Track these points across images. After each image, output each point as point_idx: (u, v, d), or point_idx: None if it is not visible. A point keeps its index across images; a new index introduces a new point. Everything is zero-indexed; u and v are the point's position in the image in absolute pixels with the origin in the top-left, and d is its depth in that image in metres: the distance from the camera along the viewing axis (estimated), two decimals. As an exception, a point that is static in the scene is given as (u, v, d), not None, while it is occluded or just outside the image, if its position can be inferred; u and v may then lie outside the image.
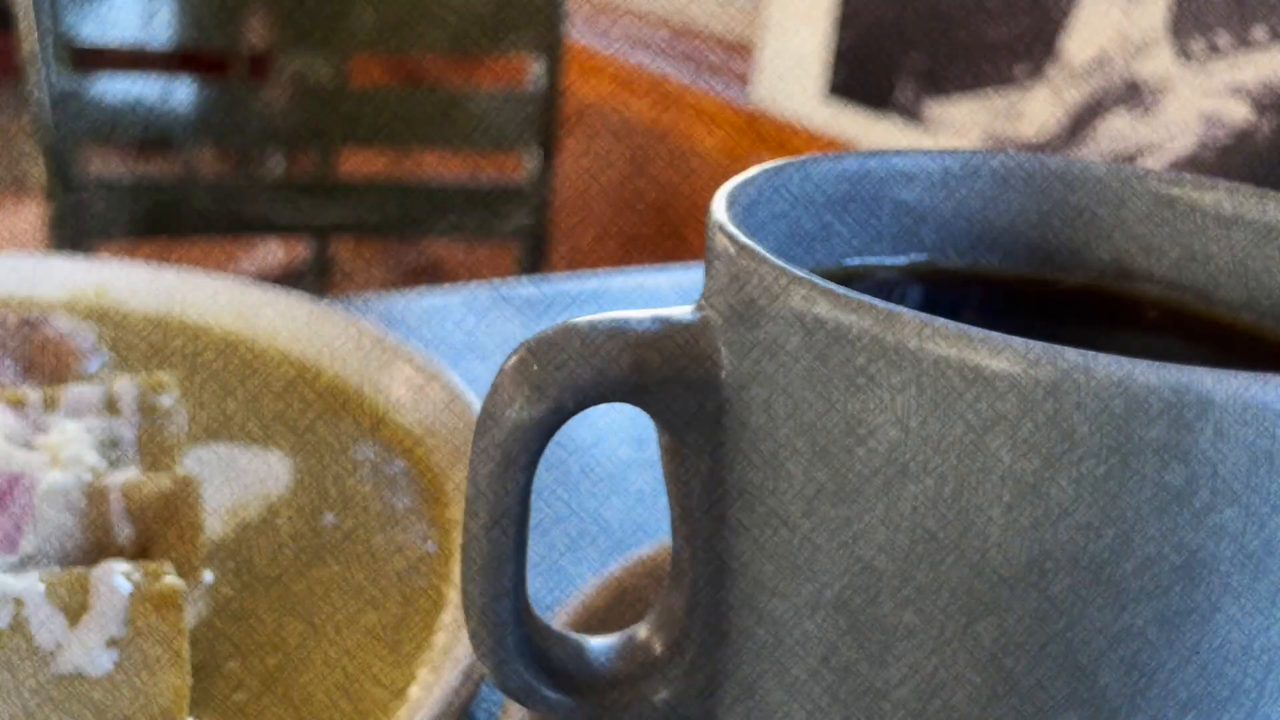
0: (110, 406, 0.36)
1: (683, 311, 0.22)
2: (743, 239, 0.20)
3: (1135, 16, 0.79)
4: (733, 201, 0.23)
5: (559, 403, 0.21)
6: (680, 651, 0.23)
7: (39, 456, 0.30)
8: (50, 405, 0.36)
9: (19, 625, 0.26)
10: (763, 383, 0.20)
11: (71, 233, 1.15)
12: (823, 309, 0.18)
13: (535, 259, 1.23)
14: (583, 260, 1.51)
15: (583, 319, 0.22)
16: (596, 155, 1.48)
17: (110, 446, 0.35)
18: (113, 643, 0.26)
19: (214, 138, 1.22)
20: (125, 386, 0.37)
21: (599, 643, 0.24)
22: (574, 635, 0.24)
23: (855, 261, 0.26)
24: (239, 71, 1.47)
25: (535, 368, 0.21)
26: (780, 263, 0.19)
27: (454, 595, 0.32)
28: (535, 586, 0.38)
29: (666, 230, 1.38)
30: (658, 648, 0.24)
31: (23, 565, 0.29)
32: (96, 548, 0.31)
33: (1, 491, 0.28)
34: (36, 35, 1.07)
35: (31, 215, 1.88)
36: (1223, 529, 0.16)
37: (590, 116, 1.47)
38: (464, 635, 0.29)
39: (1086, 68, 0.82)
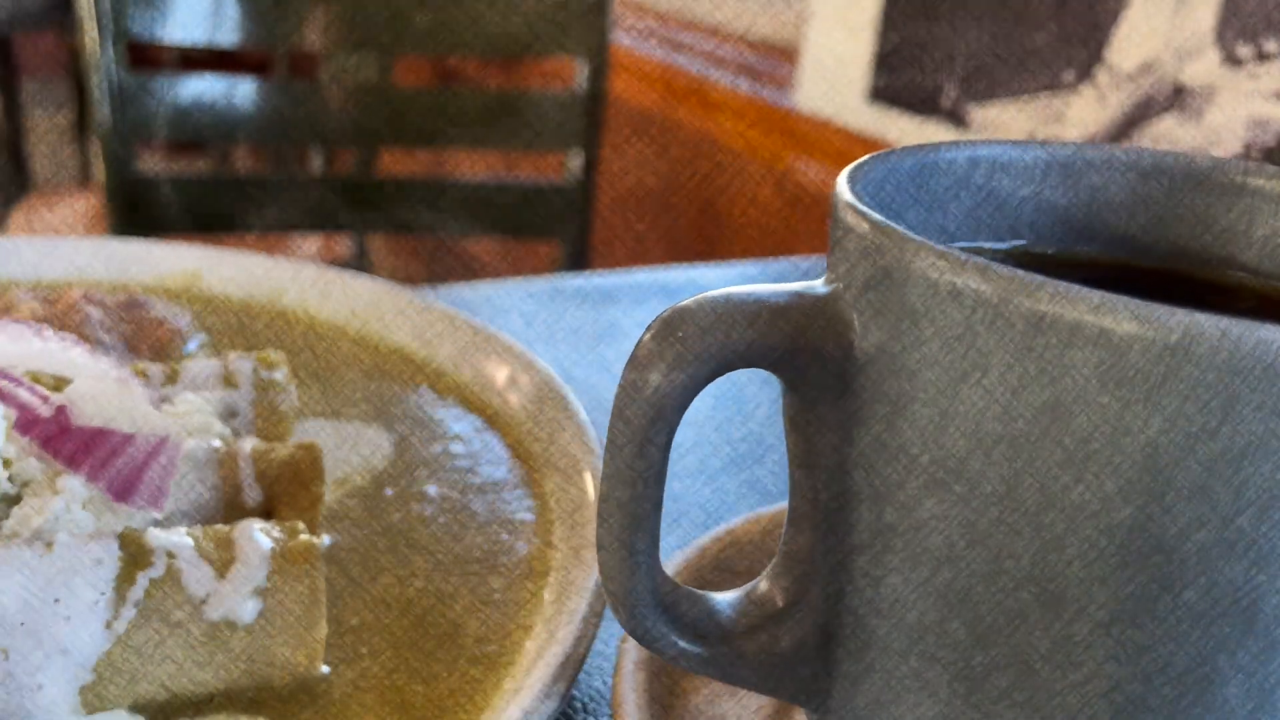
0: (227, 380, 0.38)
1: (814, 284, 0.24)
2: (877, 216, 0.22)
3: (1183, 23, 0.81)
4: (853, 185, 0.25)
5: (700, 369, 0.23)
6: (801, 603, 0.25)
7: (177, 422, 0.32)
8: (171, 379, 0.38)
9: (172, 575, 0.28)
10: (897, 349, 0.21)
11: (126, 227, 1.18)
12: (968, 279, 0.20)
13: (577, 258, 1.25)
14: (623, 260, 1.53)
15: (718, 291, 0.24)
16: (637, 157, 1.49)
17: (229, 417, 0.37)
18: (258, 593, 0.28)
19: (266, 136, 1.25)
20: (239, 362, 0.39)
21: (723, 596, 0.26)
22: (698, 591, 0.26)
23: (961, 244, 0.28)
24: (285, 72, 1.49)
25: (679, 335, 0.23)
26: (920, 237, 0.21)
27: (557, 559, 0.34)
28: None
29: (706, 230, 1.39)
30: (779, 600, 0.25)
31: (164, 523, 0.31)
32: (228, 509, 0.33)
33: (150, 451, 0.30)
34: (97, 34, 1.10)
35: (72, 210, 1.92)
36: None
37: (632, 119, 1.49)
38: (575, 594, 0.31)
39: (1133, 73, 0.83)
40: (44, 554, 0.27)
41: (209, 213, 1.23)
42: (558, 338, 0.61)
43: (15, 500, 0.31)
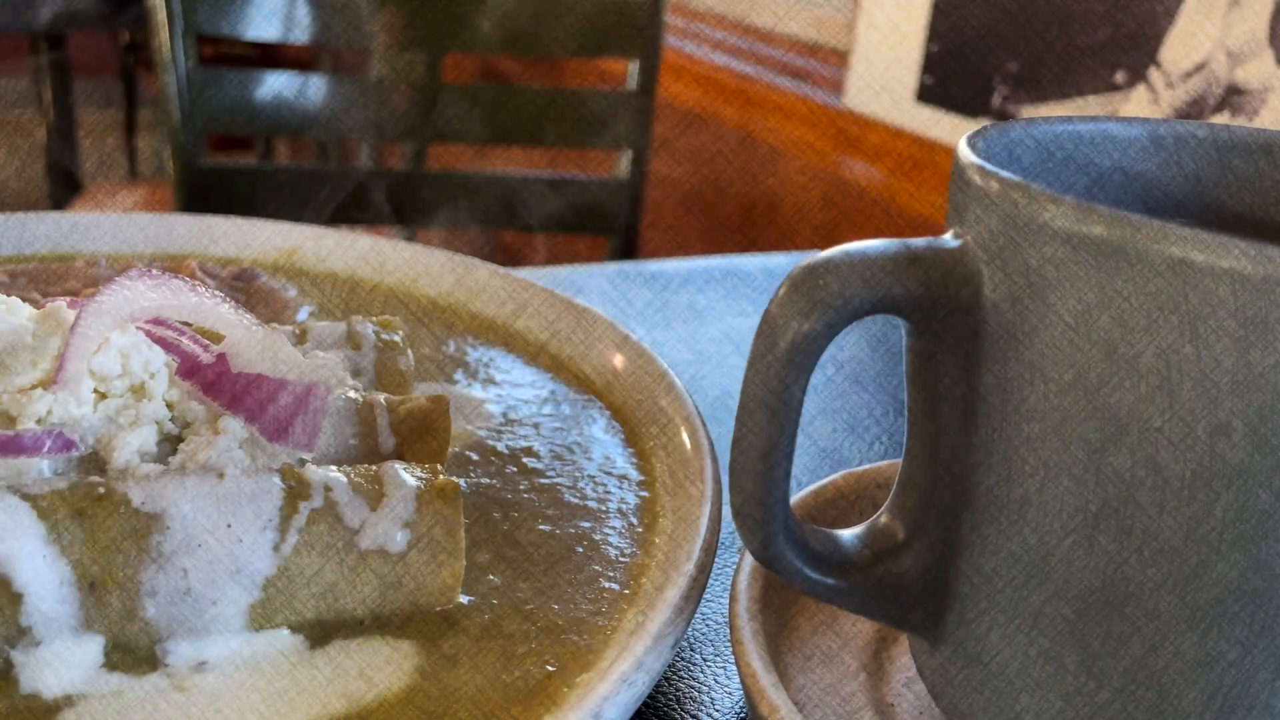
0: (351, 341, 0.41)
1: (942, 239, 0.26)
2: (1008, 175, 0.24)
3: (1236, 24, 0.82)
4: (973, 149, 0.27)
5: (837, 315, 0.25)
6: (920, 536, 0.27)
7: (324, 371, 0.35)
8: (301, 338, 0.40)
9: (330, 506, 0.31)
10: (1028, 295, 0.23)
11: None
12: (1106, 228, 0.22)
13: (625, 254, 1.27)
14: (669, 254, 1.55)
15: (852, 244, 0.26)
16: (682, 155, 1.52)
17: (354, 375, 0.40)
18: (407, 525, 0.31)
19: (327, 131, 1.28)
20: (362, 324, 0.41)
21: (846, 531, 0.28)
22: (821, 528, 0.28)
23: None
24: (329, 68, 1.53)
25: (821, 282, 0.25)
26: (1050, 191, 0.23)
27: (665, 506, 0.36)
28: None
29: (751, 226, 1.41)
30: (899, 534, 0.28)
31: (313, 464, 0.34)
32: (366, 455, 0.35)
33: (303, 397, 0.33)
34: (168, 30, 1.13)
35: (128, 204, 1.97)
36: None
37: (677, 118, 1.51)
38: (688, 536, 0.33)
39: (1186, 74, 0.85)
40: (216, 483, 0.30)
41: (270, 205, 1.26)
42: (630, 316, 0.63)
43: (177, 439, 0.33)
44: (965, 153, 0.26)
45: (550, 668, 0.29)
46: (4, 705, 0.27)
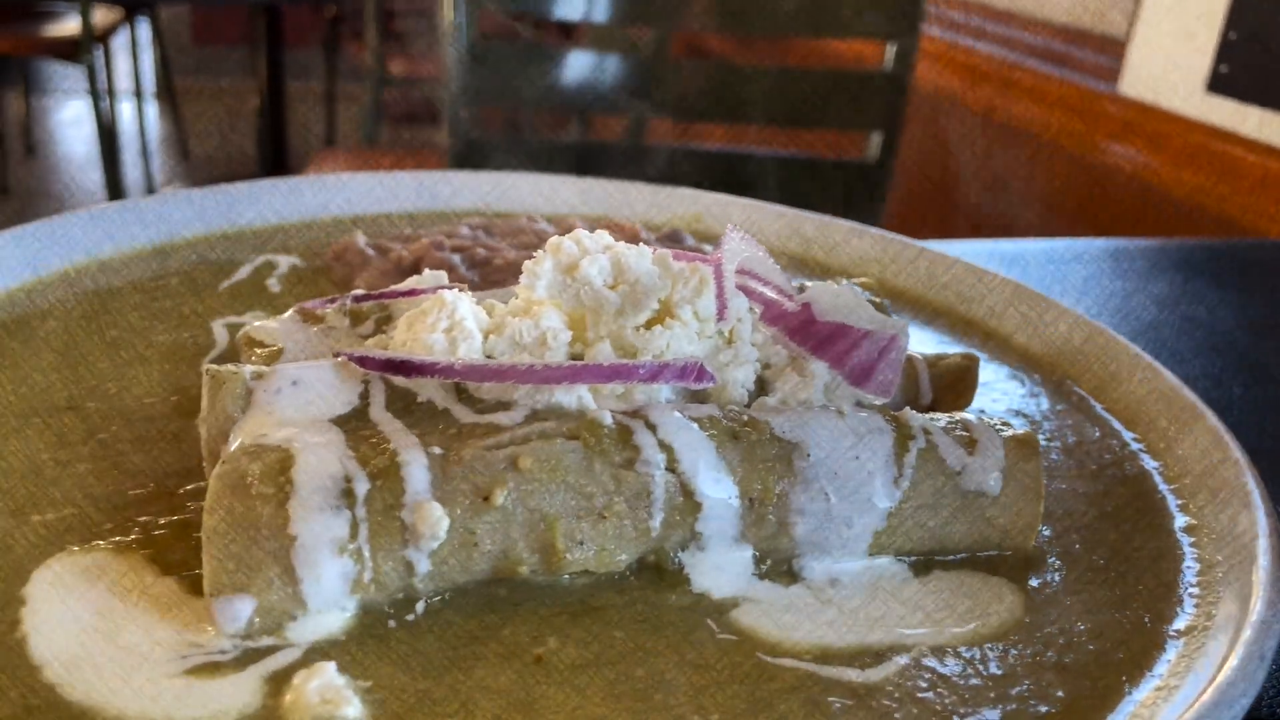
0: (846, 302, 0.43)
1: None
2: None
3: None
4: None
5: None
6: None
7: (898, 326, 0.37)
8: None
9: (931, 449, 0.33)
10: None
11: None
12: None
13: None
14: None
15: None
16: (930, 138, 1.51)
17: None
18: (1000, 470, 0.33)
19: (591, 105, 1.33)
20: (850, 285, 0.44)
21: None
22: None
23: None
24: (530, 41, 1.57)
25: None
26: None
27: (1186, 475, 0.38)
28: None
29: (996, 209, 1.40)
30: None
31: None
32: (907, 404, 0.38)
33: (884, 347, 0.36)
34: (452, 5, 1.20)
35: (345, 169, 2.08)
36: None
37: (935, 102, 1.50)
38: (1241, 504, 0.35)
39: None
40: (839, 419, 0.33)
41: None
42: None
43: (759, 379, 0.36)
44: None
45: (1146, 615, 0.31)
46: (685, 600, 0.31)
